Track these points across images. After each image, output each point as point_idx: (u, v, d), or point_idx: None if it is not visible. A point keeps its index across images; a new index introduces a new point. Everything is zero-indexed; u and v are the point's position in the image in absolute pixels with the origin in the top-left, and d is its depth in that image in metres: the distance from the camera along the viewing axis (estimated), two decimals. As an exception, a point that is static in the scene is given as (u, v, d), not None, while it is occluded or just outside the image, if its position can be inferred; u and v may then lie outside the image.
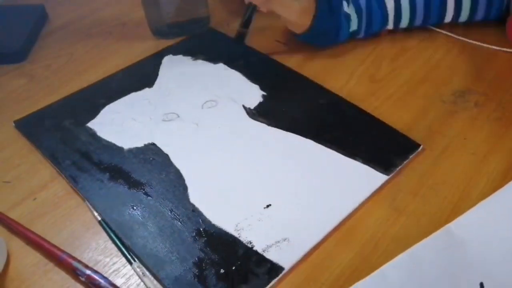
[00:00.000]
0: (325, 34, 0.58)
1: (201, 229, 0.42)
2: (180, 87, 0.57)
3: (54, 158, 0.49)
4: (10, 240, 0.43)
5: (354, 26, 0.58)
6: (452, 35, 0.63)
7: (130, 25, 0.70)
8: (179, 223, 0.43)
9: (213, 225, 0.42)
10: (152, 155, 0.49)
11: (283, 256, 0.40)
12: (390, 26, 0.61)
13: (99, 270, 0.40)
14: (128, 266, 0.41)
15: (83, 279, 0.39)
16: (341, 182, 0.45)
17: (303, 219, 0.42)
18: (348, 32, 0.59)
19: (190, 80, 0.58)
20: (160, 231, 0.42)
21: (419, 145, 0.48)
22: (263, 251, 0.40)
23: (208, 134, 0.51)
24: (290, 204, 0.44)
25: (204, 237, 0.41)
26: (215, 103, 0.54)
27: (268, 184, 0.46)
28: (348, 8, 0.57)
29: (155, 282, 0.39)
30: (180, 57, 0.62)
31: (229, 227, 0.42)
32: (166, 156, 0.49)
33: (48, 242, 0.42)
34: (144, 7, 0.65)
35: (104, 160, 0.48)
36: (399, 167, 0.46)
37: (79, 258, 0.41)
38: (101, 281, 0.39)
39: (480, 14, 0.60)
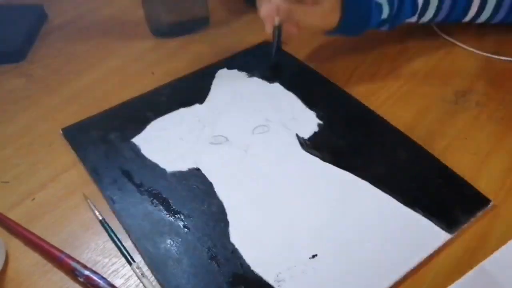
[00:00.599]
0: (355, 25, 0.55)
1: (239, 275, 0.39)
2: (232, 106, 0.54)
3: (96, 173, 0.47)
4: (9, 241, 0.43)
5: (385, 14, 0.55)
6: (452, 40, 0.63)
7: (130, 24, 0.70)
8: (216, 264, 0.39)
9: (252, 272, 0.39)
10: (196, 183, 0.46)
11: None
12: (414, 19, 0.58)
13: (98, 271, 0.40)
14: (127, 267, 0.41)
15: (82, 279, 0.39)
16: (399, 237, 0.40)
17: (352, 277, 0.38)
18: (378, 21, 0.55)
19: (243, 99, 0.55)
20: (195, 271, 0.39)
21: (489, 201, 0.43)
22: None
23: (257, 163, 0.47)
24: (339, 257, 0.39)
25: (242, 285, 0.38)
26: (267, 129, 0.51)
27: (317, 230, 0.41)
28: None
29: (154, 283, 0.39)
30: (235, 71, 0.59)
31: (269, 277, 0.38)
32: (210, 185, 0.46)
33: (47, 243, 0.42)
34: (144, 6, 0.65)
35: (145, 182, 0.46)
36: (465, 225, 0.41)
37: (78, 259, 0.41)
38: (100, 281, 0.39)
39: (500, 16, 0.59)
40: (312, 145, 0.49)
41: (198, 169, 0.47)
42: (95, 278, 0.39)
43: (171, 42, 0.66)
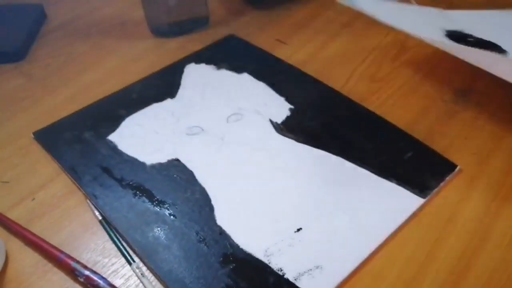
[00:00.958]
0: None
1: (229, 254, 0.40)
2: (203, 98, 0.55)
3: (74, 173, 0.47)
4: (8, 241, 0.43)
5: None
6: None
7: (130, 24, 0.70)
8: (205, 246, 0.41)
9: (242, 250, 0.40)
10: (176, 172, 0.47)
11: (316, 285, 0.37)
12: None
13: (98, 271, 0.40)
14: (127, 267, 0.41)
15: (81, 279, 0.39)
16: (376, 205, 0.43)
17: (336, 245, 0.40)
18: None
19: (214, 91, 0.56)
20: (186, 255, 0.40)
21: (456, 166, 0.46)
22: (295, 279, 0.38)
23: (234, 150, 0.49)
24: (322, 228, 0.41)
25: (233, 263, 0.39)
26: (240, 116, 0.52)
27: (298, 205, 0.43)
28: None
29: (154, 283, 0.39)
30: (203, 65, 0.60)
31: (258, 253, 0.40)
32: (191, 173, 0.47)
33: (47, 243, 0.42)
34: (144, 6, 0.65)
35: (126, 176, 0.47)
36: (436, 189, 0.44)
37: (78, 259, 0.40)
38: (100, 281, 0.39)
39: None
40: (285, 128, 0.51)
41: (177, 160, 0.48)
42: (95, 278, 0.39)
43: (171, 42, 0.66)
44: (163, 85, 0.58)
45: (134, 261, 0.40)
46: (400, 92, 0.56)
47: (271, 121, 0.52)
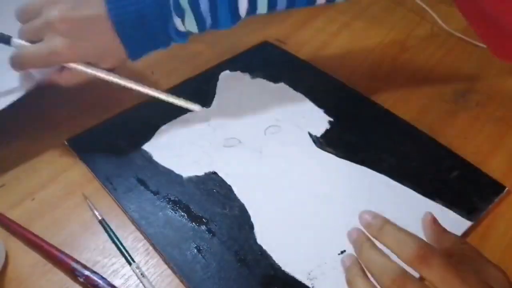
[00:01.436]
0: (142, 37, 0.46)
1: (270, 276, 0.39)
2: (240, 108, 0.53)
3: (109, 183, 0.46)
4: (8, 241, 0.43)
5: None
6: (453, 31, 0.63)
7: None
8: (245, 267, 0.39)
9: (284, 272, 0.39)
10: (214, 187, 0.45)
11: None
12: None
13: (97, 271, 0.40)
14: (127, 267, 0.41)
15: (81, 279, 0.39)
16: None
17: None
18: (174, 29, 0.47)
19: (249, 101, 0.54)
20: (226, 275, 0.39)
21: (504, 187, 0.44)
22: None
23: (273, 164, 0.47)
24: None
25: (274, 286, 0.38)
26: (278, 129, 0.50)
27: (342, 225, 0.40)
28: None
29: (153, 283, 0.39)
30: (238, 73, 0.58)
31: (301, 276, 0.38)
32: (229, 188, 0.45)
33: (47, 243, 0.42)
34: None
35: (162, 189, 0.45)
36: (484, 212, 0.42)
37: (77, 259, 0.40)
38: (100, 281, 0.39)
39: None
40: (325, 142, 0.49)
41: (214, 173, 0.47)
42: (95, 278, 0.39)
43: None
44: (197, 93, 0.55)
45: (134, 261, 0.40)
46: (400, 92, 0.56)
47: (310, 134, 0.50)
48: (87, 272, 0.39)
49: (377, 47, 0.63)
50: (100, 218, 0.44)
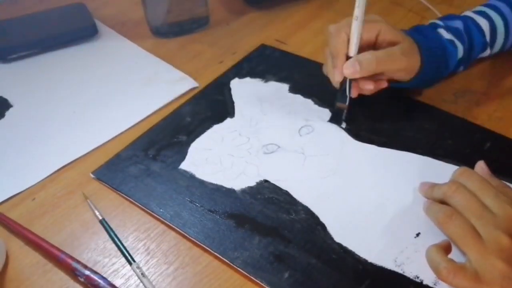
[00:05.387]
0: (435, 70, 0.51)
1: (360, 270, 0.38)
2: (264, 114, 0.52)
3: (159, 210, 0.44)
4: (9, 240, 0.43)
5: (460, 52, 0.52)
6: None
7: (130, 24, 0.70)
8: (331, 267, 0.39)
9: (372, 264, 0.39)
10: (272, 194, 0.44)
11: None
12: (487, 52, 0.54)
13: (98, 271, 0.40)
14: (128, 267, 0.41)
15: (82, 279, 0.39)
16: None
17: None
18: (456, 60, 0.52)
19: (271, 105, 0.53)
20: (316, 279, 0.38)
21: None
22: (434, 284, 0.37)
23: (320, 162, 0.47)
24: (438, 230, 0.39)
25: (367, 279, 0.38)
26: (311, 128, 0.50)
27: (407, 210, 0.42)
28: (447, 34, 0.51)
29: (154, 283, 0.39)
30: (248, 80, 0.57)
31: (389, 264, 0.38)
32: (286, 193, 0.44)
33: (47, 242, 0.42)
34: (144, 6, 0.65)
35: (218, 206, 0.44)
36: None
37: (78, 259, 0.41)
38: (100, 281, 0.39)
39: None
40: (362, 134, 0.49)
41: (266, 181, 0.46)
42: (95, 278, 0.39)
43: (171, 42, 0.66)
44: (215, 104, 0.54)
45: (134, 261, 0.41)
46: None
47: (343, 129, 0.50)
48: (87, 272, 0.39)
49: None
50: (100, 218, 0.44)
